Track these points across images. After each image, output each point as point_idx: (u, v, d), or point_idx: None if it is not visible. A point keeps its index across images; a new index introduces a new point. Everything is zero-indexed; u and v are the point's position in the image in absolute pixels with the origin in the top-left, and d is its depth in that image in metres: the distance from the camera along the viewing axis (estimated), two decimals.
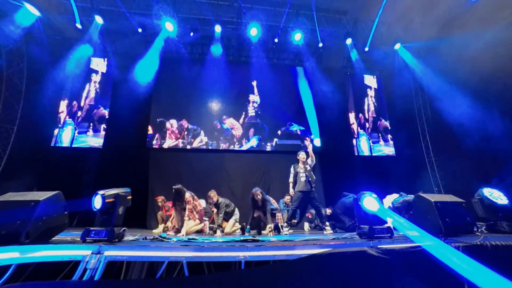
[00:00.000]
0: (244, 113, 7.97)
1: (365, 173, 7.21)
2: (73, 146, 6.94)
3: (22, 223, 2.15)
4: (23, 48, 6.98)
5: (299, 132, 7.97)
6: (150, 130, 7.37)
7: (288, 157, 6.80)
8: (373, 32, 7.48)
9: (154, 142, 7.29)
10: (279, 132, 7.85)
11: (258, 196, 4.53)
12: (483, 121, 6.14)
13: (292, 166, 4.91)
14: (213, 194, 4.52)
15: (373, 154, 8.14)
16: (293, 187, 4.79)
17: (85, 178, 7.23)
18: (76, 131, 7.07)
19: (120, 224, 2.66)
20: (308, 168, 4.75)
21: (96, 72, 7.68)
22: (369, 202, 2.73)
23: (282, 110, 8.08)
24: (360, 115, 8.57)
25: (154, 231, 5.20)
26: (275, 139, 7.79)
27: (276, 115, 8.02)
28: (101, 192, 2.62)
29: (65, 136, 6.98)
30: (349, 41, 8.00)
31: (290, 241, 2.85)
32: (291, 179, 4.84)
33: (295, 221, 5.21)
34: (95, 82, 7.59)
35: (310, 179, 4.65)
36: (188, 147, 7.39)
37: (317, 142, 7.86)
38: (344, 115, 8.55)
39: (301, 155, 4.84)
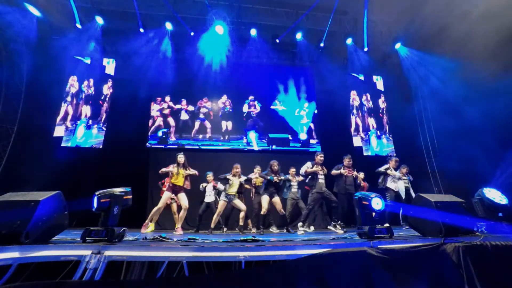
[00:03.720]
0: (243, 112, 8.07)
1: (364, 173, 7.20)
2: (72, 146, 6.93)
3: (22, 223, 2.15)
4: (23, 48, 6.97)
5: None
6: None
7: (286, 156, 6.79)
8: (366, 30, 7.44)
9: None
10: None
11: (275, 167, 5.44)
12: (483, 121, 6.13)
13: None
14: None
15: (372, 154, 8.14)
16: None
17: (85, 178, 7.21)
18: (76, 131, 7.06)
19: (116, 223, 2.66)
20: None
21: (96, 72, 7.66)
22: (377, 203, 2.84)
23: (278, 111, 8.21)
24: (360, 114, 8.56)
25: (147, 230, 5.14)
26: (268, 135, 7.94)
27: (272, 114, 8.16)
28: (97, 192, 2.63)
29: (65, 136, 6.96)
30: (349, 41, 8.01)
31: (290, 241, 2.86)
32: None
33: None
34: (95, 82, 7.58)
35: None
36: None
37: (303, 136, 8.10)
38: (344, 115, 8.53)
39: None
